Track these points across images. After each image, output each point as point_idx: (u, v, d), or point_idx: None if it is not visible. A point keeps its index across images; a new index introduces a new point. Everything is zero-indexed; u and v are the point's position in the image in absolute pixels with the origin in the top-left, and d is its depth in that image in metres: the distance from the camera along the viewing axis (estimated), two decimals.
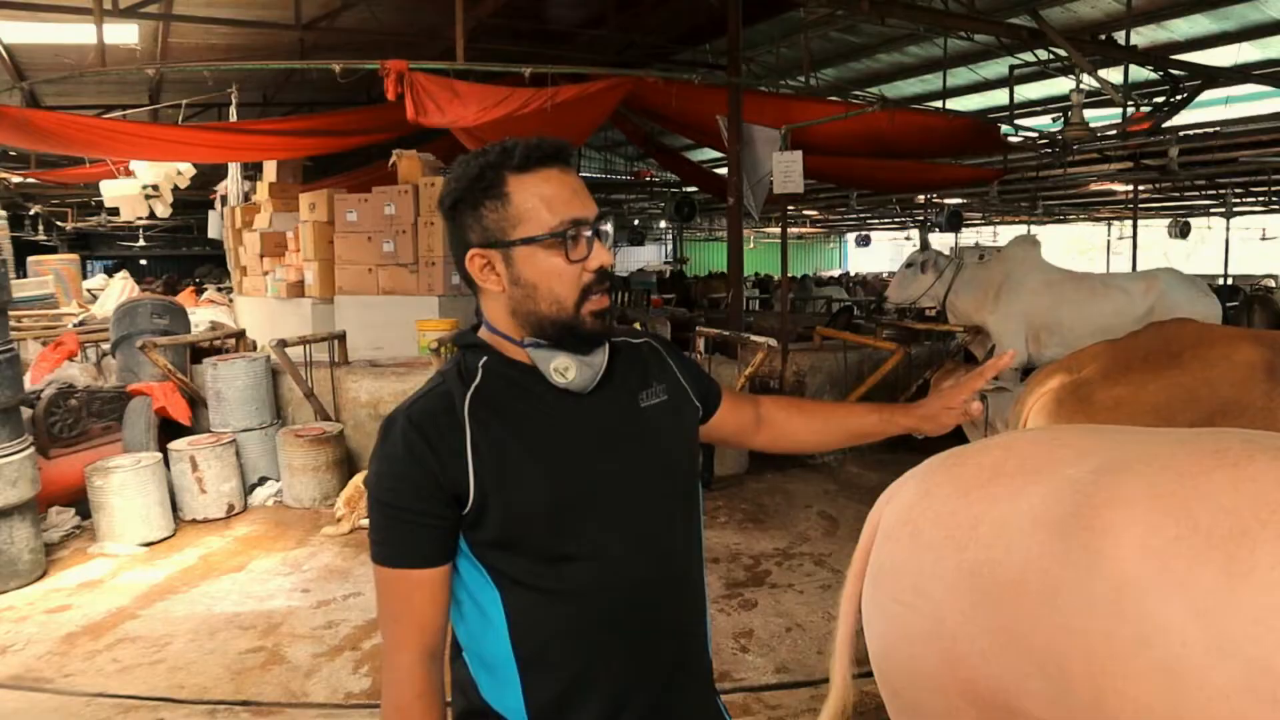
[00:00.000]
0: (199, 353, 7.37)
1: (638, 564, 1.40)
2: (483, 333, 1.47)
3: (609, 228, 1.40)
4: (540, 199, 1.35)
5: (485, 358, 1.42)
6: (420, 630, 1.36)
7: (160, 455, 6.08)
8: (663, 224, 29.14)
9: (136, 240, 23.06)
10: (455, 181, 1.40)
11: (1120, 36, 8.28)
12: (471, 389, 1.37)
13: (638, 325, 7.10)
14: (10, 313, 5.82)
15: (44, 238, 20.59)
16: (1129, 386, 2.99)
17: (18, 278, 11.74)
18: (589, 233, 1.37)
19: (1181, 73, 8.52)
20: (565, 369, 1.38)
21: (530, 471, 1.33)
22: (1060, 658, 1.57)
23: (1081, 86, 7.01)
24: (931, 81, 11.47)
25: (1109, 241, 26.12)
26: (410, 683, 1.36)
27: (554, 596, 1.35)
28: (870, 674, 1.97)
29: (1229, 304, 11.13)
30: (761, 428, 1.78)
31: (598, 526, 1.37)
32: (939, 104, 10.06)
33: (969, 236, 25.68)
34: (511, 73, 6.66)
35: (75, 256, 14.62)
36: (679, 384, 1.58)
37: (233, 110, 9.83)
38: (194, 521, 6.15)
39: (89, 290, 13.28)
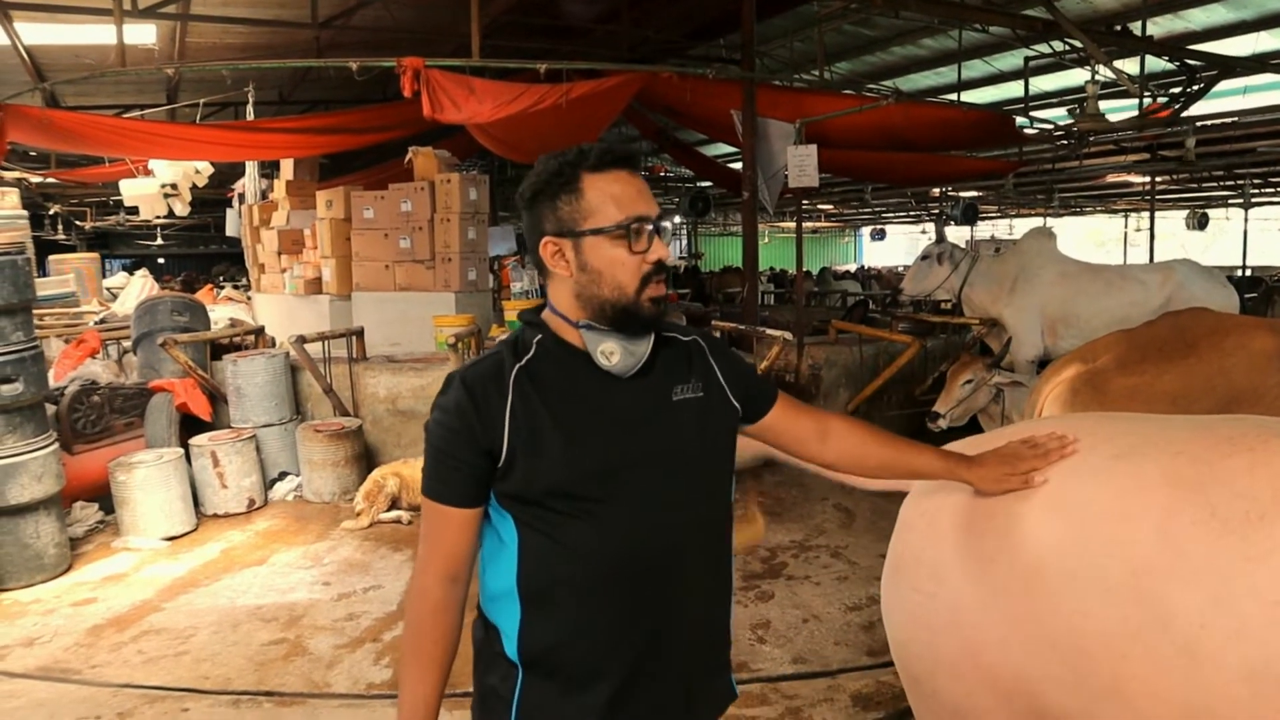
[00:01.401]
0: (219, 349, 7.43)
1: (641, 543, 1.53)
2: (545, 313, 1.62)
3: (668, 225, 1.50)
4: (610, 196, 1.52)
5: (540, 335, 1.59)
6: (446, 555, 1.56)
7: (182, 451, 6.15)
8: (677, 219, 29.12)
9: (155, 239, 23.20)
10: (536, 176, 1.56)
11: (1136, 27, 8.24)
12: (522, 362, 1.55)
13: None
14: (33, 311, 5.89)
15: (63, 237, 20.74)
16: (1144, 375, 2.99)
17: (39, 277, 11.84)
18: (650, 228, 1.53)
19: (1198, 63, 8.46)
20: (611, 353, 1.53)
21: (554, 443, 1.49)
22: (1079, 643, 1.59)
23: (1097, 78, 6.97)
24: (946, 74, 11.43)
25: (1126, 233, 25.95)
26: (428, 598, 1.56)
27: (560, 548, 1.51)
28: (890, 664, 1.99)
29: (1248, 295, 11.07)
30: (828, 443, 1.81)
31: (606, 501, 1.51)
32: (954, 97, 10.04)
33: (985, 229, 25.59)
34: (526, 69, 6.69)
35: (95, 255, 14.74)
36: (718, 383, 1.67)
37: (250, 109, 9.89)
38: (215, 516, 6.22)
39: (108, 288, 13.39)
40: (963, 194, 17.73)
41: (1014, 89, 10.71)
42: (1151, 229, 15.62)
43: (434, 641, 1.57)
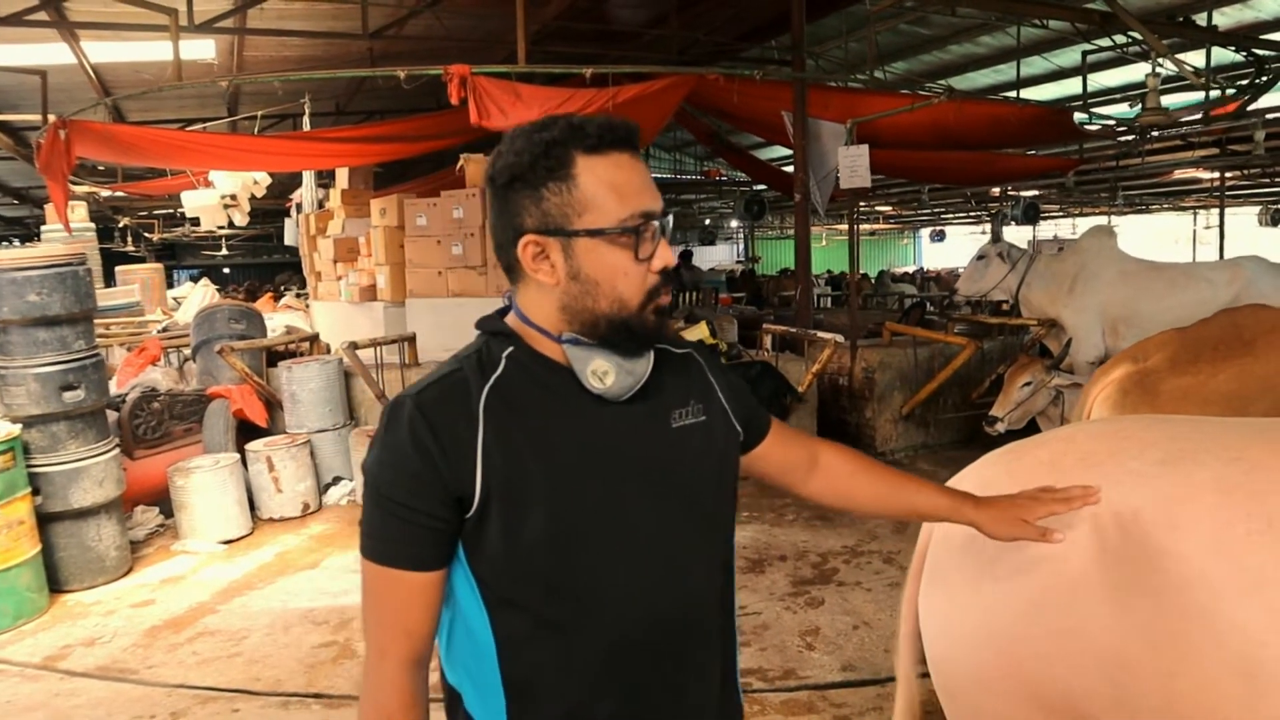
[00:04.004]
0: (274, 356, 7.55)
1: (644, 602, 1.27)
2: (511, 320, 1.32)
3: (670, 222, 1.30)
4: (610, 186, 1.22)
5: (511, 348, 1.28)
6: (408, 636, 1.25)
7: (238, 456, 6.25)
8: (734, 223, 29.04)
9: (219, 249, 23.74)
10: (514, 155, 1.24)
11: (1202, 18, 8.01)
12: (491, 381, 1.24)
13: (704, 324, 7.08)
14: (97, 320, 6.04)
15: (132, 249, 21.33)
16: (1198, 375, 2.87)
17: (107, 287, 12.16)
18: (657, 227, 1.25)
19: (1268, 53, 8.20)
20: (604, 373, 1.25)
21: (539, 485, 1.21)
22: (1126, 659, 1.52)
23: (1158, 71, 6.78)
24: (1005, 72, 11.23)
25: (1195, 231, 25.25)
26: (396, 693, 1.25)
27: (547, 626, 1.24)
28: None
29: None
30: (815, 474, 1.60)
31: (604, 556, 1.24)
32: (1013, 94, 9.85)
33: (1047, 229, 25.09)
34: (573, 74, 6.70)
35: (159, 266, 15.08)
36: (720, 404, 1.42)
37: (306, 120, 10.06)
38: (271, 520, 6.30)
39: (174, 298, 13.71)
40: (1023, 193, 17.40)
41: (1075, 85, 10.47)
42: (1221, 226, 15.15)
43: None
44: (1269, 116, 9.42)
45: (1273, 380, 2.77)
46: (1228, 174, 15.03)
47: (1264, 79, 8.24)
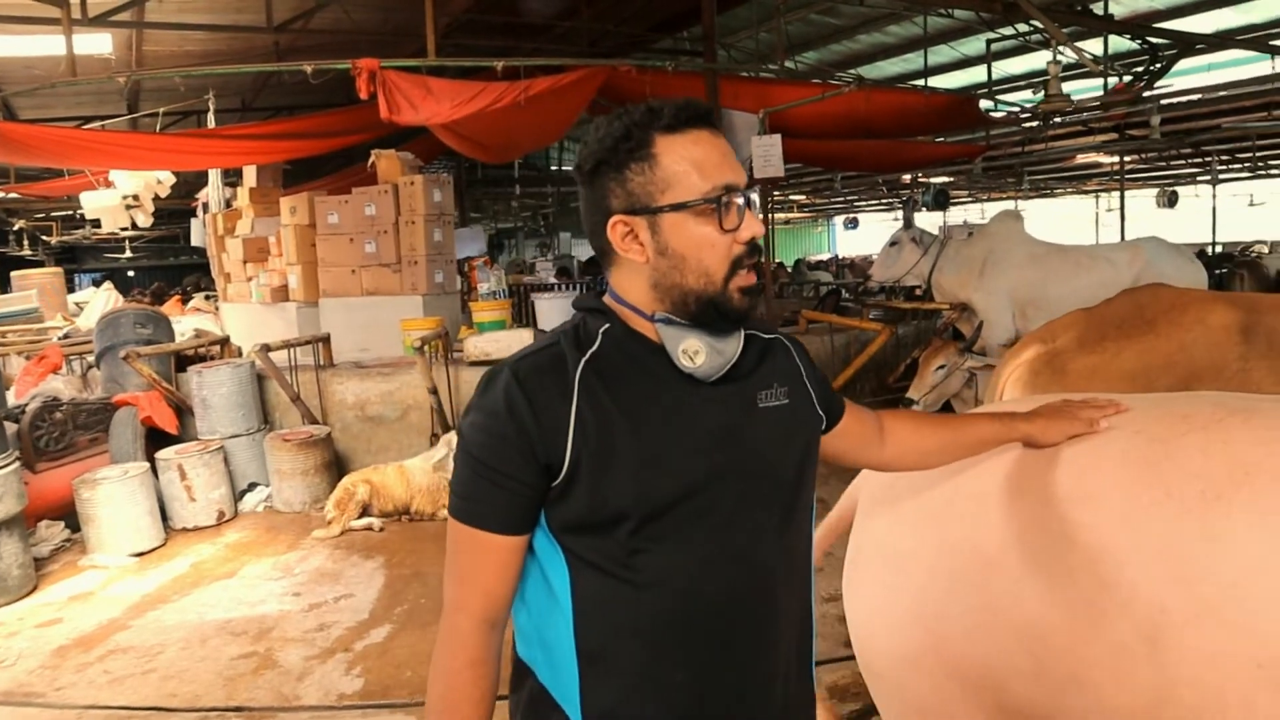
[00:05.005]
0: (184, 361, 7.33)
1: (720, 573, 1.29)
2: (607, 300, 1.37)
3: (756, 196, 1.32)
4: (691, 162, 1.26)
5: (608, 325, 1.33)
6: (485, 595, 1.29)
7: (148, 465, 6.05)
8: None
9: (123, 251, 22.94)
10: (598, 143, 1.29)
11: (1099, 7, 8.26)
12: (587, 355, 1.29)
13: None
14: None
15: (29, 252, 20.47)
16: (1104, 354, 2.96)
17: (1, 293, 11.67)
18: (741, 200, 1.27)
19: (1161, 40, 8.50)
20: (695, 352, 1.28)
21: (629, 457, 1.24)
22: (1042, 631, 1.55)
23: (1059, 58, 6.97)
24: (913, 60, 11.44)
25: (1097, 214, 26.08)
26: (464, 648, 1.29)
27: (626, 588, 1.27)
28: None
29: (1218, 270, 11.13)
30: (887, 441, 1.63)
31: (686, 527, 1.27)
32: (921, 83, 10.04)
33: (957, 215, 25.65)
34: (484, 67, 6.63)
35: (59, 270, 14.52)
36: (804, 389, 1.44)
37: (210, 116, 9.77)
38: (184, 530, 6.12)
39: (75, 303, 13.22)
40: (933, 180, 17.77)
41: (980, 73, 10.73)
42: (1122, 208, 15.68)
43: (473, 703, 1.29)
44: (1164, 102, 9.77)
45: (1173, 357, 2.87)
46: (1127, 158, 15.56)
47: (1158, 66, 8.53)
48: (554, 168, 20.40)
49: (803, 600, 1.43)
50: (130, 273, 27.47)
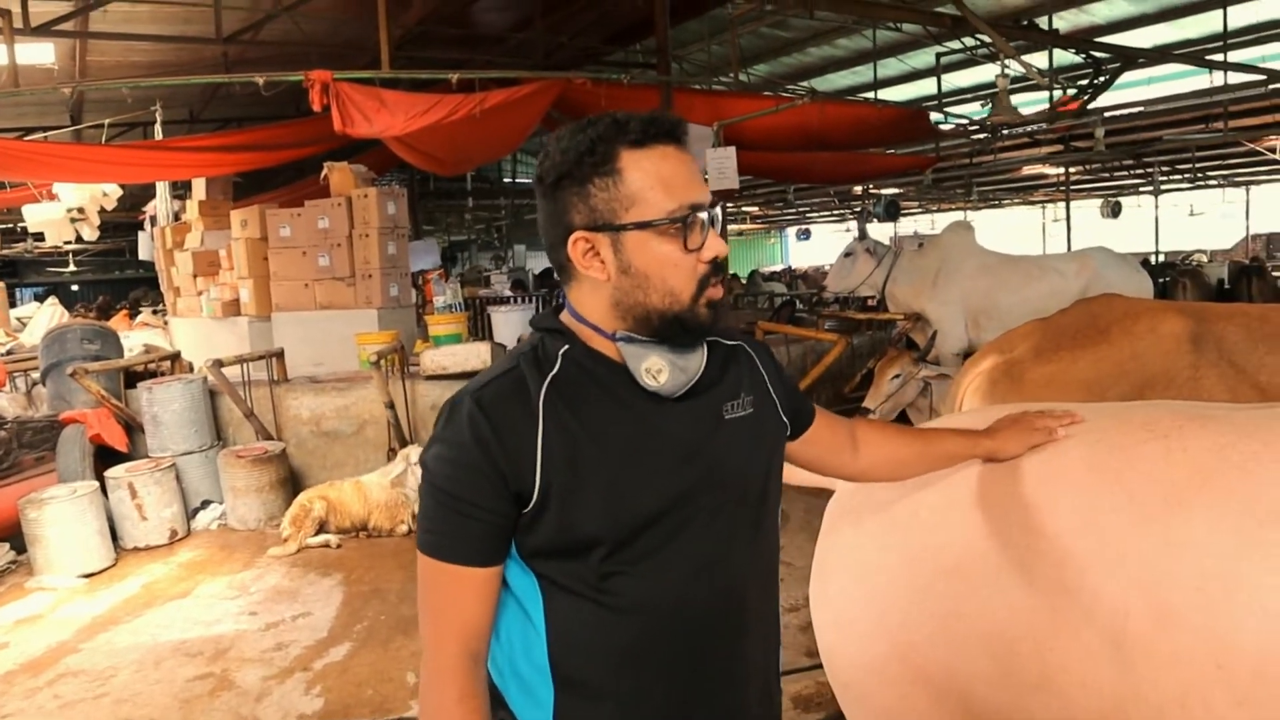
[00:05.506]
0: (133, 377, 7.18)
1: (694, 590, 1.29)
2: (565, 318, 1.34)
3: (719, 213, 1.32)
4: (657, 179, 1.23)
5: (567, 346, 1.30)
6: (464, 628, 1.25)
7: (97, 484, 5.91)
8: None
9: (67, 265, 22.50)
10: (561, 154, 1.25)
11: (1044, 22, 8.44)
12: (549, 378, 1.26)
13: None
14: None
15: None
16: (1060, 363, 3.03)
17: None
18: (705, 219, 1.25)
19: (1104, 55, 8.70)
20: (658, 371, 1.26)
21: (597, 483, 1.23)
22: (1007, 638, 1.57)
23: (1007, 72, 7.11)
24: (863, 73, 11.61)
25: (1044, 225, 26.58)
26: (453, 683, 1.24)
27: (601, 611, 1.25)
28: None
29: (1161, 279, 11.39)
30: (860, 450, 1.62)
31: (659, 547, 1.26)
32: (871, 95, 10.17)
33: (908, 225, 26.01)
34: (438, 80, 6.61)
35: (0, 285, 14.20)
36: (768, 396, 1.43)
37: (158, 128, 9.63)
38: (136, 549, 5.99)
39: (17, 319, 12.92)
40: (884, 191, 18.01)
41: (929, 86, 10.92)
42: (1068, 219, 16.03)
43: None
44: (1108, 115, 10.00)
45: (1126, 365, 2.94)
46: (1072, 169, 15.89)
47: (1101, 79, 8.73)
48: (507, 180, 20.33)
49: (770, 608, 1.44)
50: (74, 287, 26.96)
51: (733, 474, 1.33)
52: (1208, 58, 9.13)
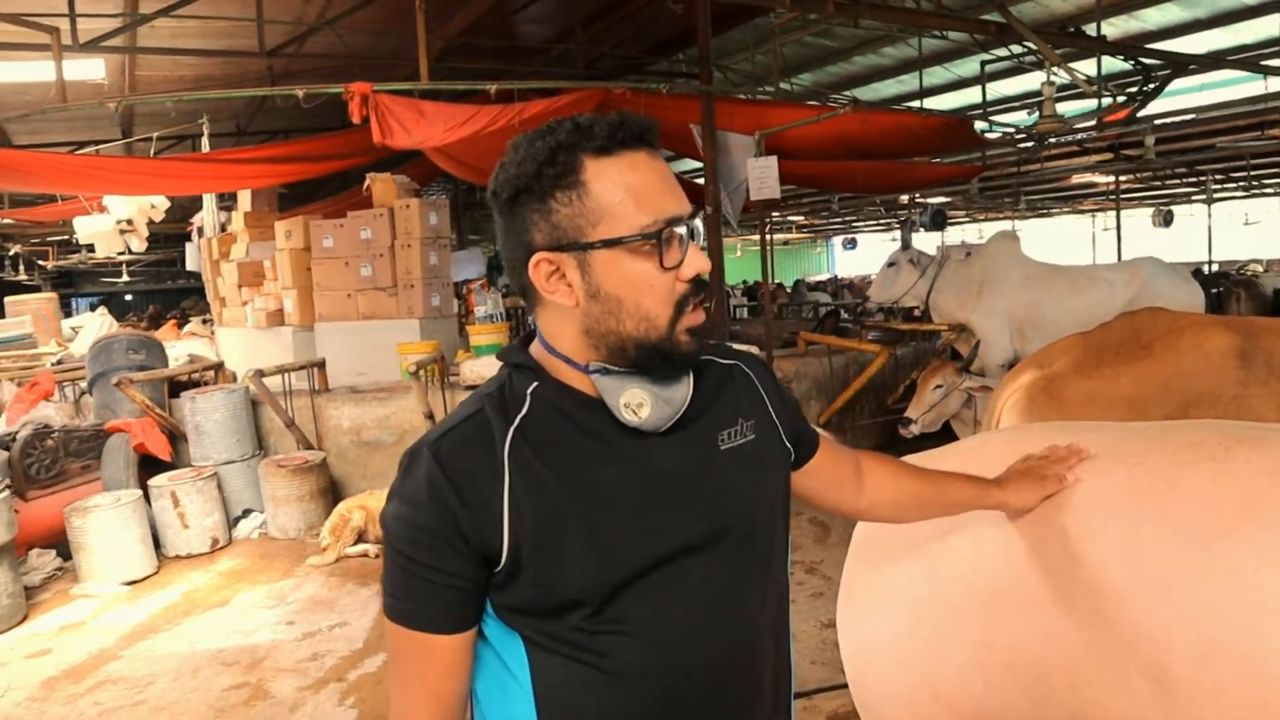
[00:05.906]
0: (177, 386, 7.29)
1: (700, 643, 1.16)
2: (535, 350, 1.20)
3: (700, 224, 1.16)
4: (627, 190, 1.09)
5: (536, 383, 1.17)
6: (435, 699, 1.14)
7: (140, 492, 6.00)
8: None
9: (120, 276, 22.94)
10: (516, 166, 1.11)
11: (1091, 28, 8.27)
12: (516, 422, 1.13)
13: None
14: None
15: (25, 277, 20.48)
16: (1101, 380, 2.92)
17: None
18: (684, 232, 1.11)
19: (1153, 61, 8.51)
20: (639, 405, 1.12)
21: (575, 539, 1.10)
22: (1040, 671, 1.51)
23: (1053, 79, 6.98)
24: (909, 82, 11.46)
25: (1094, 234, 26.15)
26: None
27: (595, 673, 1.12)
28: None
29: (1215, 289, 11.13)
30: (864, 484, 1.48)
31: (654, 600, 1.13)
32: (917, 104, 10.05)
33: (955, 235, 25.71)
34: (478, 90, 6.62)
35: (54, 295, 14.51)
36: (770, 421, 1.29)
37: (205, 141, 9.77)
38: (177, 557, 6.07)
39: (72, 328, 13.19)
40: (930, 200, 17.79)
41: (975, 94, 10.73)
42: (1118, 228, 15.70)
43: None
44: (1158, 122, 9.78)
45: (1170, 383, 2.84)
46: (1122, 178, 15.59)
47: (1151, 86, 8.54)
48: None
49: (780, 648, 1.30)
50: (128, 297, 27.52)
51: (734, 512, 1.19)
52: (1263, 63, 8.90)
